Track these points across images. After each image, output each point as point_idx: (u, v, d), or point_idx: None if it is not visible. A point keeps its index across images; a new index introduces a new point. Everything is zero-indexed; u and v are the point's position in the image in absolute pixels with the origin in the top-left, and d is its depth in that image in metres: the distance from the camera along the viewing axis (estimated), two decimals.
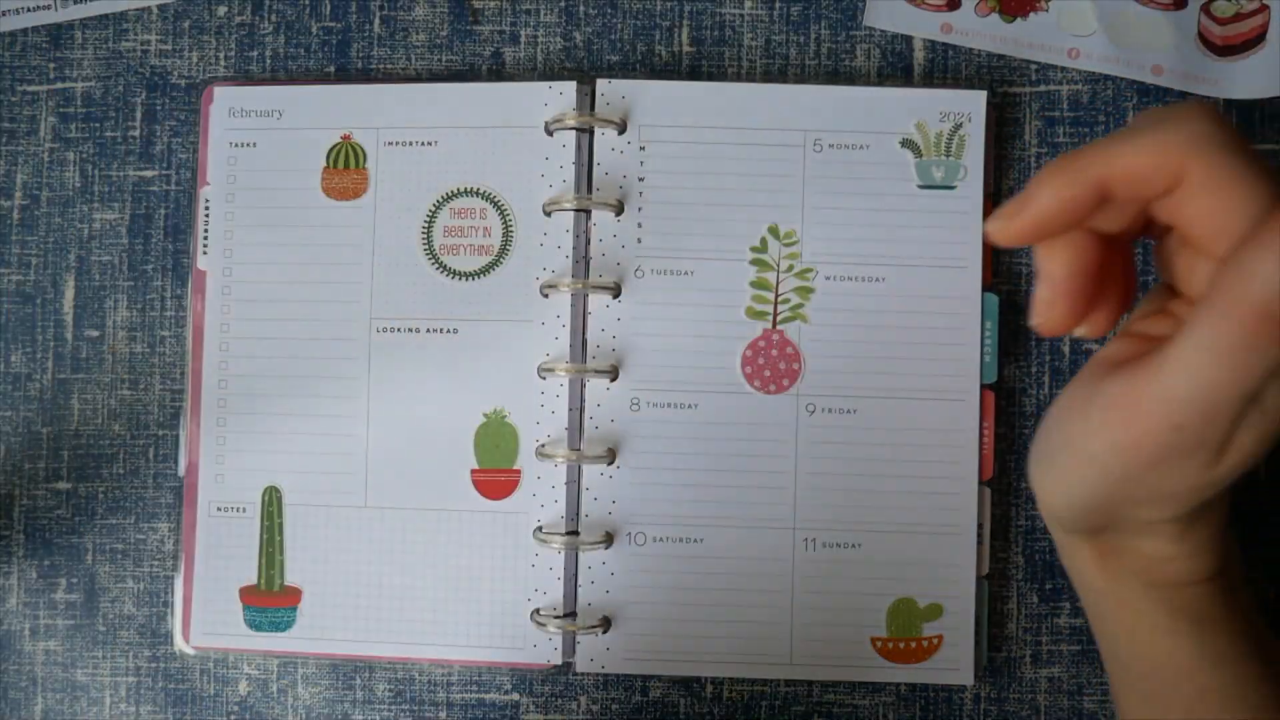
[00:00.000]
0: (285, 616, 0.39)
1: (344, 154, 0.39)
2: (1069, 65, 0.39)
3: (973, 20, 0.39)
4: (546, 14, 0.40)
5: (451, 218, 0.39)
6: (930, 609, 0.37)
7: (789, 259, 0.38)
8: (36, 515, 0.40)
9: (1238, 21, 0.38)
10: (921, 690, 0.38)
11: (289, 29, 0.41)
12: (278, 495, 0.39)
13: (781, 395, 0.38)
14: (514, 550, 0.38)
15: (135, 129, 0.41)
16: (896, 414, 0.38)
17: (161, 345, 0.40)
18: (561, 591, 0.38)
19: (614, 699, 0.39)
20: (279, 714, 0.39)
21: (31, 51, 0.41)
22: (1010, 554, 0.39)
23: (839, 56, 0.40)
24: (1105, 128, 0.39)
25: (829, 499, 0.38)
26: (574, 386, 0.38)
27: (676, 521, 0.38)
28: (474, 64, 0.40)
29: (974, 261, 0.38)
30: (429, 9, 0.40)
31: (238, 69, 0.41)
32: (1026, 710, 0.38)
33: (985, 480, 0.38)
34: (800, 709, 0.38)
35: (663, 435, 0.38)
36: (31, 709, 0.40)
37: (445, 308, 0.39)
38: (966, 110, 0.38)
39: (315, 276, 0.39)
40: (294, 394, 0.39)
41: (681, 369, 0.38)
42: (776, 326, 0.38)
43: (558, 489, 0.38)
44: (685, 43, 0.40)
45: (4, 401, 0.40)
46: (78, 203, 0.40)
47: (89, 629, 0.40)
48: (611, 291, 0.38)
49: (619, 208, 0.38)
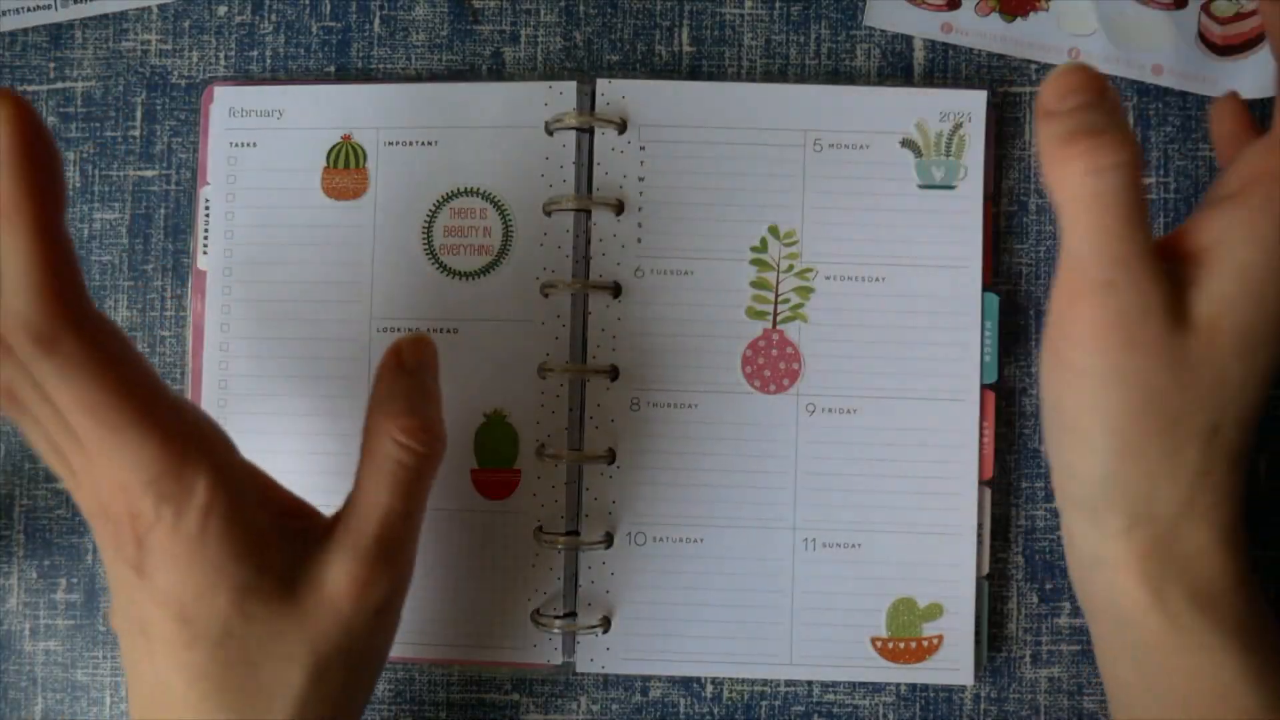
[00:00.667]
0: None
1: (344, 154, 0.39)
2: None
3: (973, 20, 0.39)
4: (546, 14, 0.40)
5: (451, 218, 0.39)
6: (930, 609, 0.37)
7: (789, 259, 0.38)
8: (36, 515, 0.40)
9: (1238, 21, 0.38)
10: (921, 690, 0.38)
11: (289, 29, 0.41)
12: None
13: (781, 395, 0.38)
14: (514, 550, 0.38)
15: (135, 129, 0.41)
16: (896, 414, 0.38)
17: (161, 345, 0.40)
18: (561, 591, 0.38)
19: (614, 699, 0.39)
20: None
21: (31, 51, 0.41)
22: (1010, 554, 0.39)
23: (839, 56, 0.40)
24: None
25: (829, 499, 0.38)
26: (574, 386, 0.38)
27: (676, 521, 0.38)
28: (474, 64, 0.40)
29: (974, 261, 0.38)
30: (429, 9, 0.40)
31: (238, 69, 0.41)
32: (1026, 710, 0.38)
33: (985, 480, 0.38)
34: (800, 709, 0.39)
35: (663, 435, 0.38)
36: (31, 709, 0.40)
37: (445, 308, 0.39)
38: (966, 110, 0.38)
39: (315, 276, 0.39)
40: (294, 394, 0.39)
41: (681, 369, 0.38)
42: (776, 326, 0.38)
43: (558, 489, 0.38)
44: (685, 43, 0.40)
45: None
46: (78, 203, 0.40)
47: (89, 629, 0.40)
48: (611, 291, 0.38)
49: (619, 208, 0.38)
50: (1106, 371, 0.27)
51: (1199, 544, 0.28)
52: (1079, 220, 0.27)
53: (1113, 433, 0.28)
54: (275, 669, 0.28)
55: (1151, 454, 0.27)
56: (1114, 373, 0.27)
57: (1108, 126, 0.27)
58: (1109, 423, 0.28)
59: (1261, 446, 0.38)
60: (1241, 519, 0.29)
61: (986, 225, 0.38)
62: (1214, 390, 0.27)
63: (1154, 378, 0.27)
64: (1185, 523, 0.28)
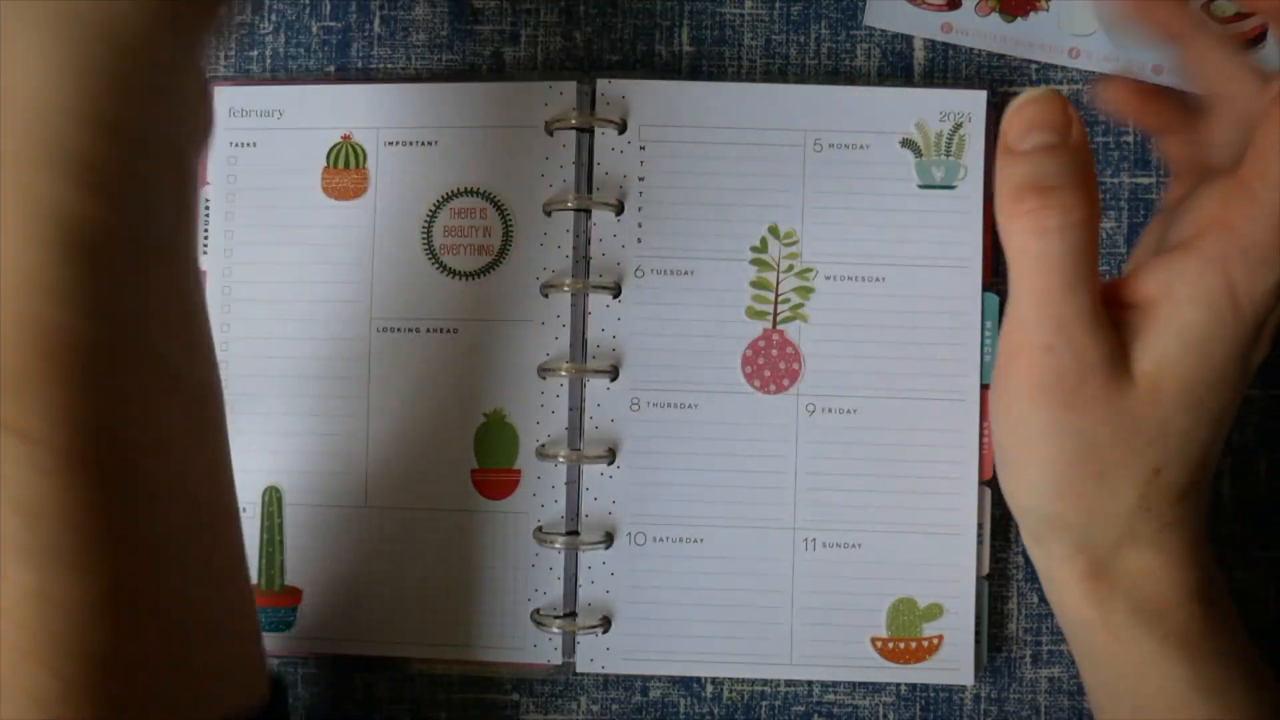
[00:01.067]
0: (285, 616, 0.39)
1: (344, 154, 0.39)
2: (1069, 65, 0.39)
3: (973, 20, 0.39)
4: (546, 14, 0.40)
5: (451, 218, 0.39)
6: (930, 609, 0.37)
7: (789, 259, 0.38)
8: None
9: (1238, 21, 0.38)
10: (921, 690, 0.38)
11: (289, 29, 0.41)
12: (278, 495, 0.39)
13: (781, 395, 0.38)
14: (514, 550, 0.38)
15: None
16: (896, 414, 0.38)
17: None
18: (561, 591, 0.38)
19: (614, 699, 0.39)
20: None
21: None
22: (1010, 554, 0.39)
23: (839, 56, 0.40)
24: (1106, 127, 0.39)
25: (829, 499, 0.38)
26: (574, 386, 0.38)
27: (676, 521, 0.38)
28: (474, 64, 0.40)
29: (974, 261, 0.38)
30: (429, 9, 0.40)
31: (238, 69, 0.41)
32: (1026, 710, 0.38)
33: (985, 480, 0.38)
34: (800, 709, 0.38)
35: (663, 435, 0.38)
36: None
37: (445, 308, 0.39)
38: (967, 110, 0.38)
39: (315, 276, 0.39)
40: (294, 394, 0.39)
41: (681, 369, 0.38)
42: (776, 326, 0.38)
43: (558, 489, 0.38)
44: (685, 43, 0.40)
45: None
46: None
47: None
48: (611, 291, 0.38)
49: (619, 208, 0.38)
50: (1044, 425, 0.27)
51: (1143, 567, 0.28)
52: (1022, 278, 0.27)
53: (1050, 476, 0.28)
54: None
55: (1088, 495, 0.28)
56: (1051, 427, 0.27)
57: (1061, 181, 0.26)
58: (1046, 467, 0.28)
59: (1261, 446, 0.38)
60: (1200, 537, 0.29)
61: (986, 225, 0.38)
62: (1156, 440, 0.27)
63: (1092, 432, 0.27)
64: (1127, 549, 0.28)
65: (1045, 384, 0.27)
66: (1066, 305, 0.27)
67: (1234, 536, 0.38)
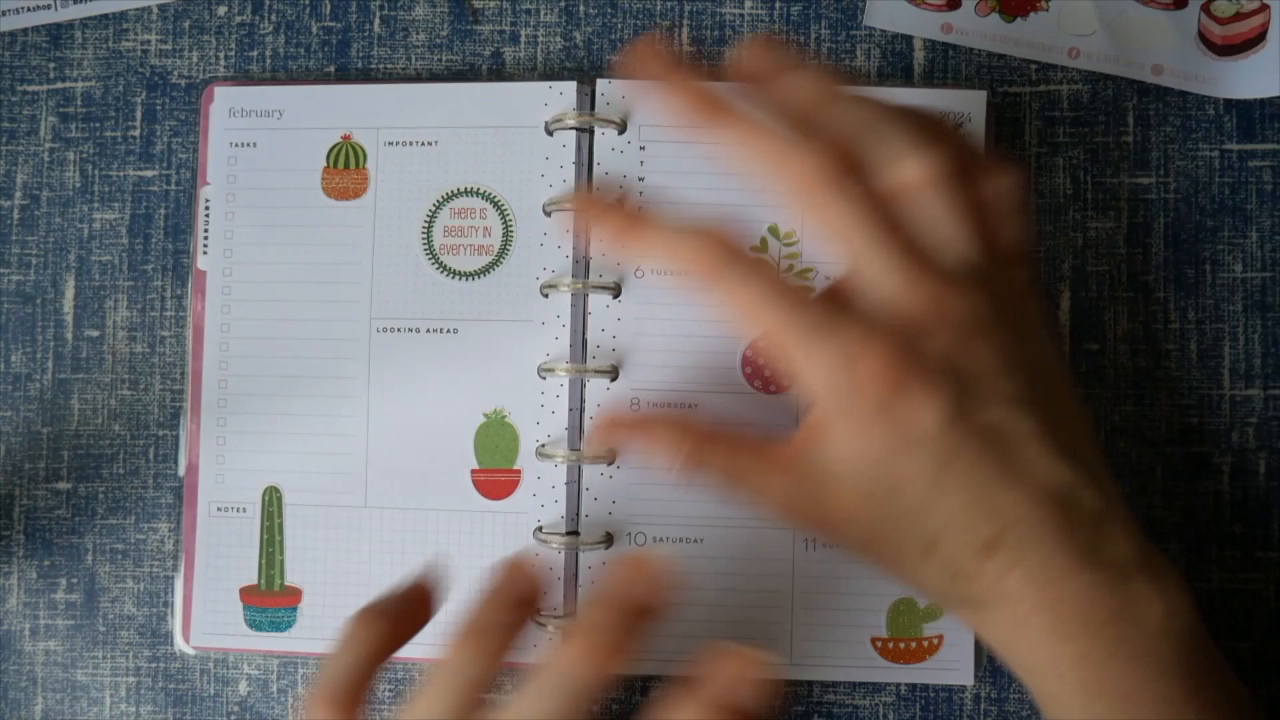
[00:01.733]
0: (285, 616, 0.39)
1: (344, 154, 0.39)
2: (1069, 65, 0.39)
3: (973, 20, 0.39)
4: (546, 14, 0.40)
5: (451, 218, 0.39)
6: (930, 609, 0.37)
7: (789, 259, 0.38)
8: (36, 515, 0.40)
9: (1238, 21, 0.38)
10: (921, 690, 0.38)
11: (289, 29, 0.41)
12: (278, 495, 0.39)
13: (782, 395, 0.38)
14: (514, 550, 0.38)
15: (135, 129, 0.41)
16: None
17: (161, 345, 0.40)
18: (561, 592, 0.38)
19: (614, 699, 0.39)
20: (279, 714, 0.39)
21: (31, 51, 0.41)
22: None
23: (839, 56, 0.40)
24: (1105, 127, 0.39)
25: None
26: (574, 386, 0.38)
27: (676, 521, 0.38)
28: (474, 64, 0.40)
29: None
30: (429, 9, 0.40)
31: (238, 69, 0.41)
32: (1026, 710, 0.38)
33: None
34: (800, 709, 0.38)
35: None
36: (31, 709, 0.40)
37: (445, 308, 0.39)
38: (966, 110, 0.38)
39: (315, 276, 0.39)
40: (294, 394, 0.39)
41: (681, 369, 0.38)
42: None
43: (558, 489, 0.38)
44: (685, 43, 0.40)
45: (4, 401, 0.40)
46: (78, 203, 0.41)
47: (89, 629, 0.40)
48: (611, 291, 0.38)
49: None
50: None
51: (982, 619, 0.29)
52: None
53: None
54: None
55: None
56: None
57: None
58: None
59: (1261, 446, 0.38)
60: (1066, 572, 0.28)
61: None
62: (885, 537, 0.29)
63: (841, 537, 0.30)
64: (956, 606, 0.30)
65: (792, 517, 0.30)
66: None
67: (1234, 536, 0.38)
